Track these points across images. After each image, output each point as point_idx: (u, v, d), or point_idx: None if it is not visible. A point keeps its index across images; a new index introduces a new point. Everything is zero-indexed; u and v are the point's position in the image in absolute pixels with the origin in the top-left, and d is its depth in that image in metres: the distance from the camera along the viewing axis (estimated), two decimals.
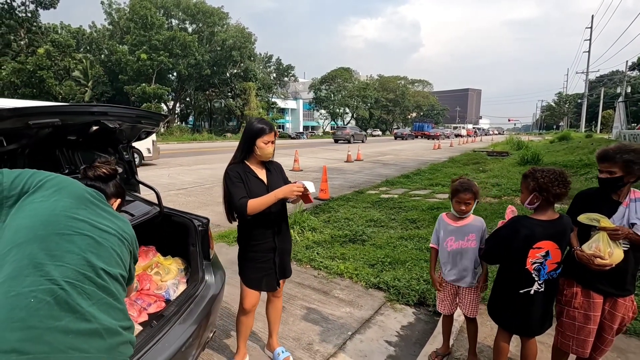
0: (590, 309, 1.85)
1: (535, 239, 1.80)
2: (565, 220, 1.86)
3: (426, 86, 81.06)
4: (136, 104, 30.36)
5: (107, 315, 0.92)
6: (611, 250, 1.71)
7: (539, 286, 1.84)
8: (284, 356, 2.37)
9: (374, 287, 3.49)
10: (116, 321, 0.94)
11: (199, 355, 2.22)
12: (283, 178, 2.22)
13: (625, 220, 1.79)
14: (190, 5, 37.42)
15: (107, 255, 1.00)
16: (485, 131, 75.68)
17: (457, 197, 2.16)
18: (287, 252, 2.25)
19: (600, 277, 1.81)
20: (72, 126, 1.53)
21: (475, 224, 2.20)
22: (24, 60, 24.68)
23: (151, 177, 9.98)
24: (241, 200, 1.93)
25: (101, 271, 0.95)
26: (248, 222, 2.04)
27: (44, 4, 26.64)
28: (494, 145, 26.11)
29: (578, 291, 1.89)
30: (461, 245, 2.19)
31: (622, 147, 1.78)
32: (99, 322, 0.89)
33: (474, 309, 2.24)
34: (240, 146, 2.07)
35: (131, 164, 2.19)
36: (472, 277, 2.21)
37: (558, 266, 1.84)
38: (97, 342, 0.87)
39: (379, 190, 8.67)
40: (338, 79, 55.14)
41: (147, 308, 1.87)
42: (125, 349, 0.97)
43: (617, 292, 1.85)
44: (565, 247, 1.86)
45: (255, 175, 2.07)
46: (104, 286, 0.94)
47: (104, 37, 35.80)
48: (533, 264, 1.82)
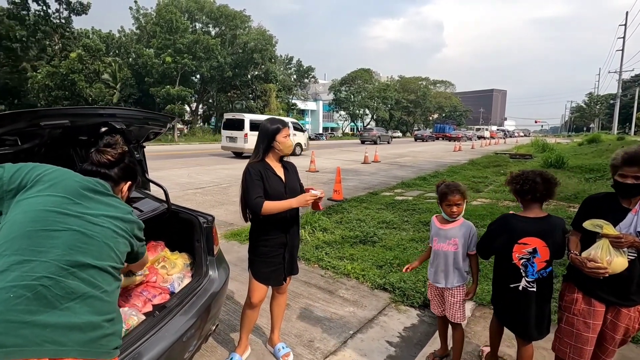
0: (590, 317, 1.79)
1: (519, 235, 1.88)
2: (553, 219, 1.90)
3: (448, 87, 79.57)
4: (161, 106, 31.35)
5: (90, 308, 0.96)
6: (610, 258, 1.64)
7: (527, 283, 1.88)
8: (284, 352, 2.44)
9: (379, 288, 3.50)
10: (99, 315, 0.98)
11: (201, 346, 2.31)
12: (298, 178, 2.35)
13: (632, 228, 1.70)
14: (214, 9, 38.30)
15: (96, 249, 1.05)
16: (510, 133, 73.41)
17: (447, 200, 2.16)
18: (296, 248, 2.34)
19: (603, 284, 1.73)
20: (82, 127, 1.65)
21: (461, 229, 2.18)
22: (58, 64, 25.95)
23: (172, 177, 10.31)
24: (257, 200, 2.03)
25: (87, 266, 0.99)
26: (264, 218, 2.12)
27: (77, 11, 27.94)
28: (517, 148, 25.36)
29: (579, 297, 1.83)
30: (441, 248, 2.22)
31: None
32: (79, 317, 0.93)
33: (455, 314, 2.21)
34: (259, 146, 2.17)
35: (142, 163, 2.31)
36: (447, 280, 2.20)
37: (547, 265, 1.87)
38: (75, 336, 0.91)
39: (394, 192, 8.63)
40: (358, 80, 54.96)
41: (152, 299, 1.97)
42: (108, 341, 1.00)
43: (621, 301, 1.77)
44: (555, 246, 1.86)
45: (274, 173, 2.17)
46: (88, 280, 0.98)
47: (131, 41, 37.17)
48: (520, 259, 1.88)
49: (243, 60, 37.93)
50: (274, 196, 2.11)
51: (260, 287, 2.24)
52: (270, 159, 2.20)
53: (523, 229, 1.88)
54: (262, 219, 2.13)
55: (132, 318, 1.71)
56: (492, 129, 72.34)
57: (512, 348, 2.40)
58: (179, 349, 1.77)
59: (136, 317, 1.74)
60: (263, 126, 2.18)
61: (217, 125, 44.47)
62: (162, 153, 18.47)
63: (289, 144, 2.19)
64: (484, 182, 10.36)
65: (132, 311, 1.76)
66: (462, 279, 2.19)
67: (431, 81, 74.20)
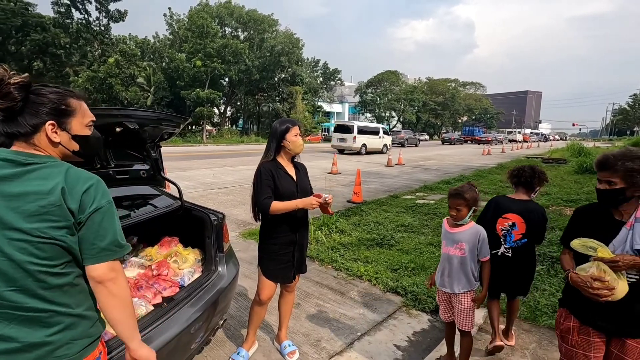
0: (590, 349, 1.56)
1: (504, 211, 2.36)
2: (533, 204, 2.38)
3: (479, 89, 77.13)
4: (191, 108, 32.45)
5: (29, 329, 0.96)
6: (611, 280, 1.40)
7: (505, 249, 2.35)
8: (290, 350, 2.47)
9: (391, 292, 3.47)
10: (41, 331, 0.97)
11: (208, 339, 2.39)
12: (308, 179, 2.38)
13: (628, 245, 1.47)
14: (243, 14, 39.26)
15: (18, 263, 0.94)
16: (545, 136, 70.12)
17: (449, 202, 2.17)
18: (305, 247, 2.38)
19: (601, 311, 1.51)
20: (98, 127, 1.76)
21: (469, 233, 2.14)
22: (97, 69, 27.48)
23: (198, 177, 10.66)
24: (265, 200, 2.09)
25: (7, 292, 0.94)
26: (273, 217, 2.16)
27: (115, 18, 29.49)
28: (551, 152, 24.20)
29: (575, 327, 1.60)
30: (449, 251, 2.19)
31: (627, 153, 1.49)
32: (19, 341, 0.94)
33: (462, 321, 2.17)
34: (270, 146, 2.23)
35: (157, 162, 2.43)
36: (453, 285, 2.16)
37: (522, 237, 2.32)
38: (24, 357, 0.95)
39: (416, 195, 8.49)
40: (384, 82, 54.44)
41: (162, 292, 2.06)
42: (63, 351, 1.01)
43: (624, 331, 1.51)
44: (532, 224, 2.29)
45: (286, 172, 2.22)
46: (15, 306, 0.94)
47: (165, 46, 38.76)
48: (502, 230, 2.36)
49: (270, 63, 38.57)
50: (286, 195, 2.15)
51: (269, 285, 2.28)
52: (281, 158, 2.25)
53: (508, 206, 2.36)
54: (272, 218, 2.18)
55: (141, 308, 1.81)
56: (525, 132, 69.45)
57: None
58: (186, 340, 1.85)
59: (145, 307, 1.84)
60: (273, 127, 2.25)
61: (244, 127, 45.53)
62: (190, 154, 19.11)
63: (299, 142, 2.22)
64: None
65: (141, 302, 1.86)
66: (469, 285, 2.14)
67: (460, 83, 72.25)
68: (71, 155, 1.12)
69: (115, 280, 1.06)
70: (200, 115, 31.13)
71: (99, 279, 1.04)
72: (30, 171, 0.98)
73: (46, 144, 1.05)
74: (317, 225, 5.40)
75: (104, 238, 1.04)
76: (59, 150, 1.09)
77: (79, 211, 1.00)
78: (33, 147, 1.04)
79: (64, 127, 1.07)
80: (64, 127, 1.07)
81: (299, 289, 3.48)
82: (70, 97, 1.08)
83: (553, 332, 2.70)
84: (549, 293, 3.33)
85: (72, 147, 1.10)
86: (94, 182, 1.05)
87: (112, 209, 1.08)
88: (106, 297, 1.06)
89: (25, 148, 1.03)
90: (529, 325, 2.82)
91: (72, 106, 1.08)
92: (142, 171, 2.42)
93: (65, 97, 1.07)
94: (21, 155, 1.00)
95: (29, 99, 1.02)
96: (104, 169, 2.12)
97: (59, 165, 1.03)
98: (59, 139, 1.06)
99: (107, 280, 1.05)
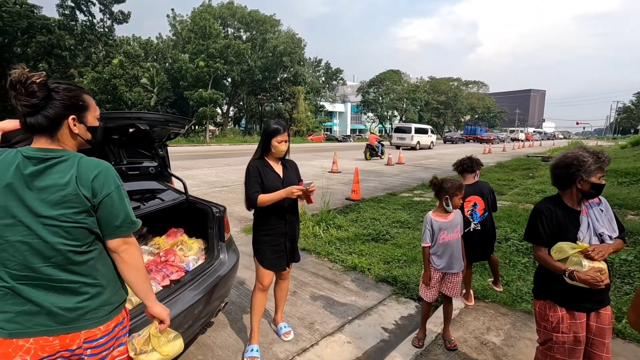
0: (578, 330, 1.74)
1: (465, 195, 2.74)
2: (480, 182, 3.11)
3: (481, 87, 77.13)
4: (194, 108, 32.80)
5: (63, 297, 1.16)
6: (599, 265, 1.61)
7: (474, 225, 3.02)
8: (285, 330, 2.70)
9: (383, 281, 3.70)
10: (74, 299, 1.17)
11: (210, 319, 2.62)
12: (297, 175, 2.53)
13: (592, 231, 1.69)
14: (245, 14, 39.56)
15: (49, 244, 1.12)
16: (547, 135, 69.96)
17: (461, 194, 2.44)
18: (296, 238, 2.55)
19: (586, 295, 1.69)
20: (113, 128, 2.00)
21: (457, 217, 2.51)
22: (101, 70, 27.87)
23: (201, 176, 10.92)
24: (253, 194, 2.28)
25: (44, 267, 1.13)
26: (264, 210, 2.34)
27: (118, 19, 29.87)
28: (552, 151, 24.28)
29: (563, 315, 1.76)
30: (452, 237, 2.45)
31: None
32: (57, 306, 1.14)
33: (457, 291, 2.51)
34: (260, 144, 2.40)
35: (164, 159, 2.66)
36: (459, 263, 2.48)
37: (484, 211, 3.02)
38: (61, 319, 1.15)
39: (413, 193, 8.69)
40: (387, 81, 54.58)
41: (169, 275, 2.30)
42: (92, 314, 1.20)
43: (599, 305, 1.74)
44: (487, 199, 3.02)
45: (272, 170, 2.38)
46: (51, 278, 1.14)
47: (168, 47, 39.16)
48: (468, 211, 3.01)
49: (272, 63, 38.86)
50: (271, 189, 2.30)
51: (267, 273, 2.47)
52: (269, 158, 2.42)
53: (467, 192, 2.78)
54: (262, 211, 2.36)
55: None
56: (528, 130, 69.32)
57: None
58: (190, 317, 2.08)
59: (155, 287, 2.07)
60: (267, 124, 2.39)
61: (247, 127, 45.83)
62: (194, 153, 19.41)
63: (281, 149, 2.35)
64: (509, 184, 10.19)
65: (151, 283, 2.09)
66: (463, 262, 2.52)
67: (463, 82, 72.28)
68: (85, 144, 1.28)
69: (128, 250, 1.26)
70: (203, 115, 31.47)
71: (114, 250, 1.24)
72: (51, 166, 1.13)
73: (67, 136, 1.19)
74: (316, 221, 5.63)
75: (117, 218, 1.21)
76: (77, 142, 1.24)
77: (92, 196, 1.16)
78: (54, 140, 1.18)
79: (82, 120, 1.22)
80: (81, 120, 1.22)
81: (296, 278, 3.71)
82: (84, 93, 1.23)
83: (528, 315, 2.93)
84: (530, 282, 3.54)
85: (87, 137, 1.26)
86: (102, 169, 1.19)
87: (120, 192, 1.23)
88: (121, 264, 1.26)
89: (45, 142, 1.17)
90: (506, 309, 3.03)
91: (86, 101, 1.24)
92: (151, 168, 2.66)
93: (81, 94, 1.22)
94: (41, 152, 1.14)
95: (51, 96, 1.14)
96: (117, 166, 2.36)
97: (73, 158, 1.17)
98: (78, 130, 1.21)
99: (121, 251, 1.25)
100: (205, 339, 2.66)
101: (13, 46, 26.05)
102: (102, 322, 1.23)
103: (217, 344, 2.60)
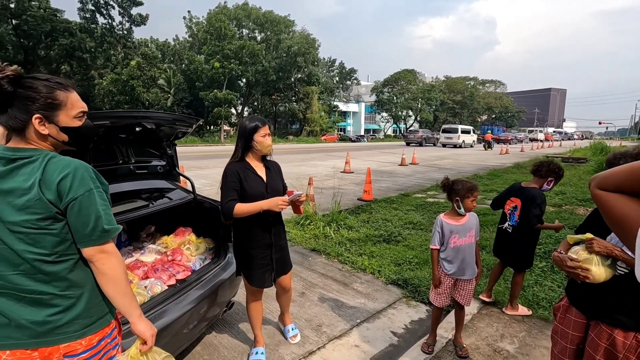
0: (569, 327, 1.70)
1: (512, 194, 2.92)
2: (534, 192, 2.78)
3: (499, 87, 75.46)
4: (209, 109, 33.27)
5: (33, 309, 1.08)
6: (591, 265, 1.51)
7: (508, 226, 2.94)
8: (292, 333, 2.66)
9: (393, 284, 3.62)
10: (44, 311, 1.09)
11: (215, 319, 2.61)
12: (281, 178, 2.32)
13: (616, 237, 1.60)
14: (260, 15, 39.92)
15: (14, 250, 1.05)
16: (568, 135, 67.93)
17: (473, 196, 2.33)
18: (284, 247, 2.33)
19: (584, 294, 1.65)
20: (122, 127, 2.01)
21: (472, 220, 2.39)
22: (120, 71, 28.57)
23: (214, 175, 11.02)
24: (229, 203, 2.03)
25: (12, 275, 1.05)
26: (244, 220, 2.10)
27: (137, 22, 30.53)
28: (573, 151, 23.56)
29: (564, 305, 1.77)
30: (464, 242, 2.35)
31: (628, 152, 1.66)
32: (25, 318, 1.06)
33: (469, 299, 2.41)
34: (238, 144, 2.15)
35: (173, 158, 2.67)
36: (471, 269, 2.37)
37: (519, 218, 2.85)
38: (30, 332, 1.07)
39: (427, 194, 8.55)
40: (401, 81, 54.08)
41: (176, 275, 2.30)
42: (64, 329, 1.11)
43: (600, 315, 1.60)
44: (526, 209, 2.77)
45: (254, 172, 2.15)
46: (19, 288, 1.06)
47: (184, 49, 39.85)
48: (508, 209, 2.95)
49: (287, 64, 39.03)
50: (255, 196, 2.08)
51: (256, 290, 2.29)
52: (250, 159, 2.17)
53: (515, 191, 2.90)
54: (242, 221, 2.12)
55: (157, 287, 2.04)
56: (547, 130, 67.49)
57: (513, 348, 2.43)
58: (195, 317, 2.07)
59: (160, 286, 2.07)
60: (241, 124, 2.16)
61: None
62: (208, 153, 19.65)
63: (267, 143, 2.13)
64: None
65: (157, 282, 2.09)
66: (476, 268, 2.41)
67: (480, 81, 70.87)
68: (62, 145, 1.16)
69: (105, 260, 1.12)
70: (218, 115, 31.88)
71: (89, 259, 1.13)
72: (17, 167, 1.05)
73: (36, 136, 1.09)
74: (326, 222, 5.58)
75: (86, 225, 1.08)
76: (50, 142, 1.13)
77: (58, 200, 1.05)
78: (25, 140, 1.09)
79: (52, 120, 1.10)
80: (51, 120, 1.10)
81: (305, 279, 3.68)
82: (58, 89, 1.10)
83: (544, 322, 2.81)
84: (548, 288, 3.40)
85: (61, 138, 1.14)
86: (70, 170, 1.07)
87: (90, 197, 1.09)
88: (98, 275, 1.14)
89: (18, 142, 1.10)
90: (522, 316, 2.92)
91: (59, 99, 1.10)
92: (159, 167, 2.67)
93: (53, 90, 1.09)
94: (9, 152, 1.07)
95: (18, 93, 1.05)
96: (125, 165, 2.38)
97: (42, 159, 1.07)
98: (47, 131, 1.10)
99: (96, 260, 1.12)
100: (212, 338, 2.65)
101: (37, 49, 26.97)
102: (79, 336, 1.13)
103: (223, 344, 2.59)
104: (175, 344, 1.97)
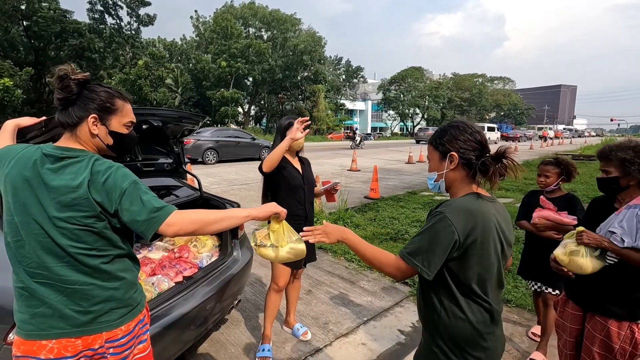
0: (567, 320, 1.78)
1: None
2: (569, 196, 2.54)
3: (507, 84, 74.52)
4: (216, 108, 33.38)
5: (75, 299, 1.14)
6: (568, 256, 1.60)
7: None
8: (302, 331, 2.66)
9: (400, 282, 3.60)
10: (85, 302, 1.15)
11: (223, 316, 2.62)
12: (312, 173, 2.55)
13: (606, 227, 1.60)
14: (266, 14, 39.89)
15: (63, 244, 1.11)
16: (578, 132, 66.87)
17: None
18: None
19: (578, 286, 1.71)
20: None
21: None
22: (128, 71, 28.82)
23: (221, 173, 11.08)
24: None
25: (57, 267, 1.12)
26: (283, 196, 2.32)
27: (144, 22, 30.76)
28: (583, 149, 23.19)
29: (562, 299, 1.85)
30: None
31: (624, 144, 1.62)
32: (69, 308, 1.13)
33: None
34: (276, 141, 2.37)
35: (179, 156, 2.68)
36: None
37: None
38: (74, 322, 1.14)
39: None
40: (408, 78, 53.67)
41: (183, 272, 2.30)
42: (104, 318, 1.18)
43: (593, 307, 1.65)
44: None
45: (292, 166, 2.41)
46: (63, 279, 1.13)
47: (191, 48, 40.03)
48: None
49: (293, 62, 38.99)
50: (295, 186, 2.34)
51: (285, 271, 2.42)
52: (286, 154, 2.38)
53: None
54: (281, 196, 2.32)
55: (164, 283, 2.05)
56: (557, 128, 66.53)
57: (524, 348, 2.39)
58: (202, 313, 2.08)
59: (167, 283, 2.08)
60: (278, 123, 2.42)
61: (267, 125, 46.31)
62: None
63: (300, 140, 2.31)
64: (534, 184, 9.77)
65: (164, 279, 2.10)
66: None
67: (488, 78, 70.05)
68: (105, 149, 1.23)
69: (181, 226, 1.13)
70: (225, 114, 31.99)
71: (173, 236, 1.19)
72: (65, 166, 1.11)
73: (86, 135, 1.17)
74: (333, 220, 5.57)
75: (140, 214, 1.11)
76: (96, 142, 1.20)
77: (107, 201, 1.10)
78: (75, 138, 1.17)
79: (104, 122, 1.19)
80: (104, 122, 1.19)
81: (311, 277, 3.67)
82: (117, 97, 1.21)
83: None
84: None
85: (107, 141, 1.21)
86: (112, 170, 1.13)
87: (135, 188, 1.13)
88: (195, 232, 1.18)
89: (67, 140, 1.17)
90: (531, 315, 2.88)
91: (116, 105, 1.20)
92: (166, 164, 2.68)
93: (112, 97, 1.19)
94: (59, 150, 1.14)
95: (82, 94, 1.15)
96: (132, 162, 2.39)
97: (88, 159, 1.14)
98: (97, 131, 1.18)
99: (175, 232, 1.14)
100: (219, 335, 2.66)
101: (47, 50, 27.33)
102: (118, 324, 1.20)
103: (230, 341, 2.59)
104: (183, 340, 1.98)
